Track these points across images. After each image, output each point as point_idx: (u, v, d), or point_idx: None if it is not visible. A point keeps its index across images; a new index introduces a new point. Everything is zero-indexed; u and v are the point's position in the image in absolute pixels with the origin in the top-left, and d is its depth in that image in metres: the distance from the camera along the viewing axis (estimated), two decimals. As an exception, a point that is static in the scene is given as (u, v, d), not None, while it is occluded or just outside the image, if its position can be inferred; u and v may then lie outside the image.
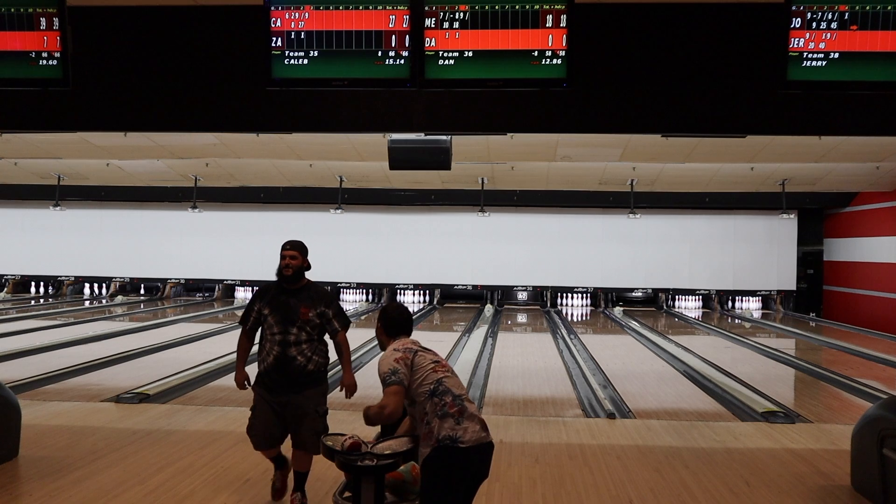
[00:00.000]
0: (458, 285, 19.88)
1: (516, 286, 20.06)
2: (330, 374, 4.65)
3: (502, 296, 20.13)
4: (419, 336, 3.63)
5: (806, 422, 7.04)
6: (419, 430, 3.35)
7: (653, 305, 19.91)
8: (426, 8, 4.89)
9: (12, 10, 5.08)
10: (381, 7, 4.94)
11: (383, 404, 3.23)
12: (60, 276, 20.93)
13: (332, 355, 4.58)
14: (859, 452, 4.90)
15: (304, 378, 4.40)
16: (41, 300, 19.93)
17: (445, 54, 4.94)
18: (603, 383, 8.87)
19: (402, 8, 4.92)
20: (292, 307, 4.42)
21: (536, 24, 4.88)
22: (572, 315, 18.23)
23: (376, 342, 3.83)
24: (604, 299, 19.74)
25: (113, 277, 20.90)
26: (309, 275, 4.60)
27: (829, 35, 4.88)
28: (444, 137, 8.22)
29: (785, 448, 5.99)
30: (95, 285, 21.27)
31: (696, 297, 19.89)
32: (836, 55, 4.90)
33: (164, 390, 7.80)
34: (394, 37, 4.95)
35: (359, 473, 3.31)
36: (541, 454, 5.69)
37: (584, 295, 19.82)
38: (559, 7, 4.86)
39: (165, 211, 19.98)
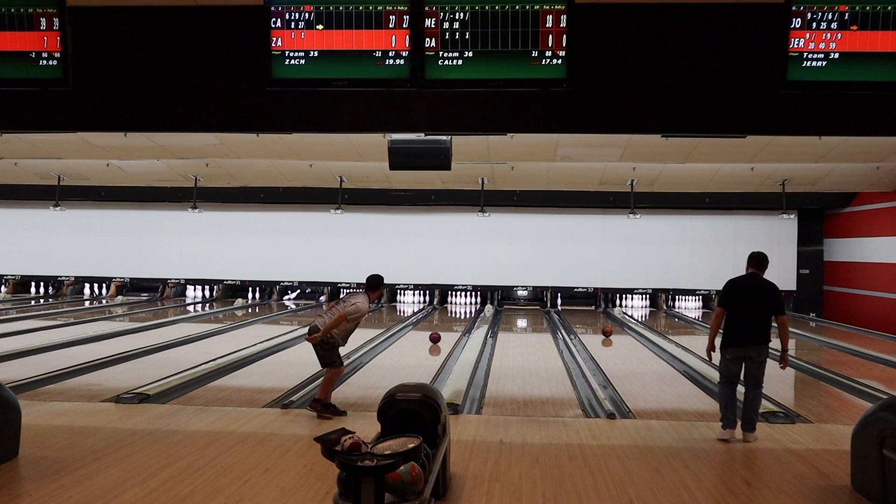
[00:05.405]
0: (516, 289, 19.98)
1: (516, 286, 20.06)
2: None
3: (502, 296, 20.14)
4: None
5: (806, 422, 7.04)
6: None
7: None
8: (426, 8, 4.89)
9: (12, 10, 5.08)
10: (381, 7, 4.94)
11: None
12: (60, 276, 20.92)
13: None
14: (859, 452, 4.90)
15: None
16: (41, 300, 19.92)
17: (445, 54, 4.94)
18: (603, 383, 8.86)
19: (402, 8, 4.93)
20: None
21: (536, 24, 4.88)
22: (572, 315, 18.21)
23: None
24: (603, 299, 19.76)
25: (113, 277, 20.90)
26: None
27: (829, 35, 4.88)
28: (444, 137, 8.20)
29: (785, 448, 5.98)
30: (95, 285, 21.26)
31: (696, 297, 19.88)
32: (837, 55, 4.90)
33: (164, 390, 7.80)
34: (394, 37, 4.95)
35: (359, 473, 3.32)
36: (541, 454, 5.69)
37: (585, 295, 19.85)
38: (559, 7, 4.86)
39: (165, 211, 19.98)
